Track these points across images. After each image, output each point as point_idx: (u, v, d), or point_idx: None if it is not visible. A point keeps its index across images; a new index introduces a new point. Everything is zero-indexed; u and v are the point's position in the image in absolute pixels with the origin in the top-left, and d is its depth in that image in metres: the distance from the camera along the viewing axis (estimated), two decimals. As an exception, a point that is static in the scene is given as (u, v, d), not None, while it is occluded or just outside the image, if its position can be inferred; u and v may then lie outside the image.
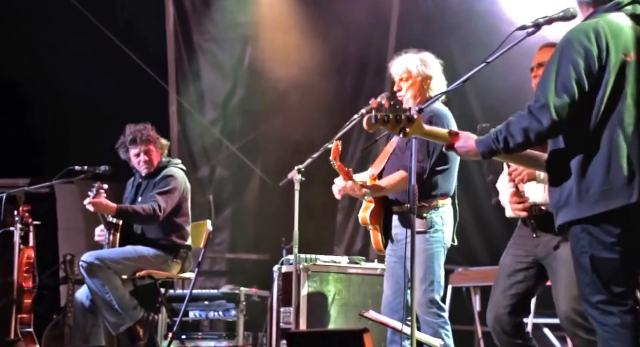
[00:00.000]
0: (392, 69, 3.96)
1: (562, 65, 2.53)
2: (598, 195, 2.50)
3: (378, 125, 2.70)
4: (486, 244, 6.84)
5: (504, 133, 2.59)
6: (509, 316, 3.27)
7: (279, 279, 4.87)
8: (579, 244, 2.56)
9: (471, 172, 6.59)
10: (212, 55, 7.33)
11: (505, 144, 2.59)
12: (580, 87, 2.51)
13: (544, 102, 2.52)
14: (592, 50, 2.52)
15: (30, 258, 4.96)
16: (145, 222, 4.84)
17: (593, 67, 2.52)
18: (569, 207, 2.56)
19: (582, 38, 2.54)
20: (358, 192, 3.77)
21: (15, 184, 5.91)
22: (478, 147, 2.67)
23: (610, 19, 2.58)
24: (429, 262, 3.74)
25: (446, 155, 3.80)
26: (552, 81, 2.52)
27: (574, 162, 2.55)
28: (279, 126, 7.23)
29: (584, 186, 2.52)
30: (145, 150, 4.97)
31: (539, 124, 2.52)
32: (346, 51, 7.31)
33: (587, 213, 2.52)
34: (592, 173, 2.52)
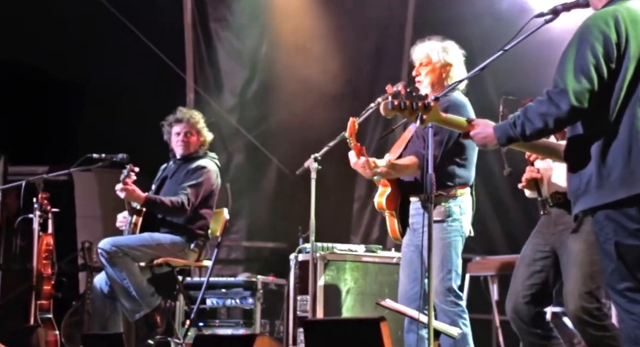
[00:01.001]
0: (414, 54, 3.94)
1: (580, 51, 2.51)
2: (619, 180, 2.48)
3: (394, 111, 2.68)
4: (505, 232, 6.81)
5: (522, 118, 2.57)
6: (527, 306, 3.26)
7: (295, 267, 4.88)
8: (602, 231, 2.54)
9: (490, 161, 6.55)
10: (228, 43, 7.32)
11: (522, 130, 2.57)
12: (598, 73, 2.49)
13: (563, 87, 2.50)
14: (611, 36, 2.50)
15: (49, 245, 5.00)
16: (172, 214, 4.87)
17: (612, 54, 2.50)
18: (589, 194, 2.54)
19: (600, 24, 2.51)
20: (368, 171, 3.74)
21: (34, 172, 5.94)
22: (495, 133, 2.66)
23: (628, 6, 2.56)
24: (447, 251, 3.72)
25: (464, 144, 3.78)
26: (570, 66, 2.50)
27: (594, 149, 2.54)
28: (296, 114, 7.22)
29: (605, 171, 2.50)
30: (186, 131, 5.03)
31: (557, 109, 2.50)
32: (363, 39, 7.28)
33: (607, 199, 2.50)
34: (612, 159, 2.50)
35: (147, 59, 6.93)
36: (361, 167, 3.73)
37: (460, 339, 3.64)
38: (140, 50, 6.91)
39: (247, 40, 7.33)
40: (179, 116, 5.07)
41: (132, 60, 6.86)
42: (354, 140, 3.73)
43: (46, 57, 6.74)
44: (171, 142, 5.12)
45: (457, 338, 3.59)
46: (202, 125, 5.12)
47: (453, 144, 3.75)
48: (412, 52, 3.94)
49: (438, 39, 3.92)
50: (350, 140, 3.74)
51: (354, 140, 3.73)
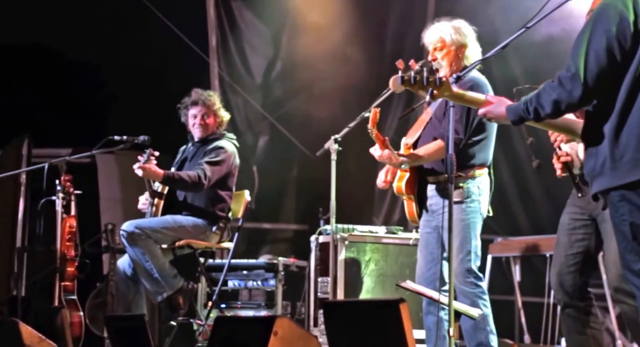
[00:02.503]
0: (425, 38, 3.89)
1: (594, 33, 2.48)
2: (631, 162, 2.46)
3: (404, 86, 2.67)
4: (528, 213, 6.76)
5: (534, 103, 2.57)
6: (572, 275, 3.21)
7: (316, 249, 4.88)
8: (617, 212, 2.52)
9: (513, 140, 6.49)
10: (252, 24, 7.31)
11: (535, 114, 2.58)
12: (611, 55, 2.45)
13: (574, 71, 2.48)
14: (628, 16, 2.45)
15: (72, 227, 5.04)
16: (190, 189, 4.88)
17: (627, 32, 2.45)
18: (604, 175, 2.52)
19: (617, 3, 2.48)
20: (394, 161, 3.75)
21: (58, 154, 6.00)
22: (508, 114, 2.66)
23: None
24: (466, 232, 3.71)
25: (483, 125, 3.76)
26: (583, 49, 2.47)
27: (608, 130, 2.51)
28: (318, 96, 7.21)
29: (618, 153, 2.49)
30: (203, 113, 5.03)
31: (568, 95, 2.49)
32: (385, 20, 7.23)
33: (620, 181, 2.49)
34: (625, 141, 2.48)
35: (171, 42, 6.94)
36: (387, 158, 3.74)
37: (480, 320, 3.64)
38: (164, 33, 6.92)
39: (270, 22, 7.31)
40: (194, 98, 5.07)
41: (156, 43, 6.87)
42: (375, 131, 3.72)
43: (69, 40, 6.77)
44: (188, 125, 5.13)
45: (477, 319, 3.59)
46: (218, 106, 5.11)
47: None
48: (424, 36, 3.89)
49: (447, 19, 3.87)
50: (372, 131, 3.73)
51: (376, 131, 3.72)
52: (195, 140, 5.13)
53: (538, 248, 5.53)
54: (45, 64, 7.01)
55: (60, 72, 7.00)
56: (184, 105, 5.12)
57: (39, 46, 6.89)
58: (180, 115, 5.15)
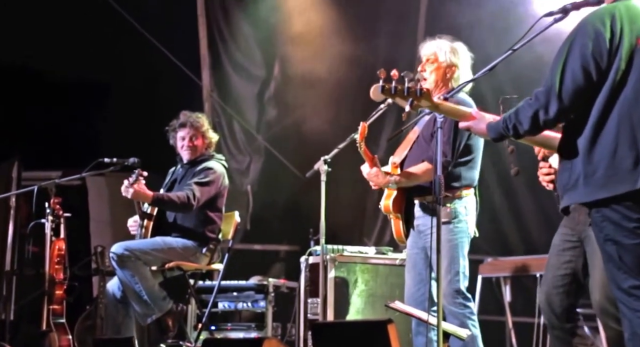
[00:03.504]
0: (422, 49, 3.93)
1: (571, 50, 2.52)
2: (603, 179, 2.49)
3: (385, 95, 2.68)
4: (519, 233, 6.77)
5: (513, 120, 2.60)
6: (559, 297, 3.20)
7: (306, 269, 4.87)
8: (602, 233, 2.54)
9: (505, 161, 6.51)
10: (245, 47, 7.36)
11: (515, 131, 2.61)
12: (587, 72, 2.49)
13: (550, 88, 2.52)
14: (604, 33, 2.48)
15: (61, 250, 5.03)
16: (179, 210, 4.88)
17: (603, 50, 2.48)
18: (576, 190, 2.55)
19: (596, 22, 2.51)
20: (382, 180, 3.76)
21: (48, 176, 5.99)
22: (488, 132, 2.69)
23: (630, 3, 2.55)
24: (454, 253, 3.71)
25: (470, 146, 3.78)
26: (560, 66, 2.51)
27: (582, 146, 2.54)
28: (309, 117, 7.24)
29: (590, 169, 2.52)
30: (191, 134, 5.04)
31: (544, 111, 2.52)
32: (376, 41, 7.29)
33: (591, 197, 2.52)
34: (598, 157, 2.50)
35: (162, 63, 6.97)
36: (374, 176, 3.75)
37: (469, 341, 3.62)
38: (155, 54, 6.95)
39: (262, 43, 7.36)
40: (182, 120, 5.09)
41: (147, 64, 6.90)
42: (364, 146, 3.74)
43: (59, 62, 6.79)
44: (177, 147, 5.14)
45: (466, 340, 3.57)
46: (206, 128, 5.13)
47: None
48: (421, 47, 3.93)
49: (448, 38, 3.91)
50: (360, 145, 3.74)
51: (365, 146, 3.74)
52: (184, 162, 5.13)
53: (528, 268, 5.53)
54: (34, 86, 7.01)
55: (50, 94, 7.01)
56: (172, 128, 5.13)
57: (27, 68, 6.90)
58: (169, 137, 5.16)
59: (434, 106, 2.75)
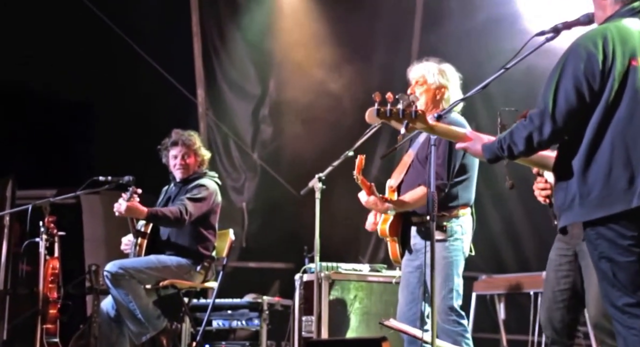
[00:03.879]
0: (410, 73, 3.96)
1: (564, 72, 2.54)
2: (598, 199, 2.50)
3: (380, 118, 2.69)
4: (513, 250, 6.78)
5: (508, 141, 2.62)
6: (560, 312, 3.20)
7: (300, 287, 4.87)
8: (596, 250, 2.55)
9: (500, 179, 6.53)
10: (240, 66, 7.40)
11: (509, 152, 2.63)
12: (580, 94, 2.51)
13: (544, 110, 2.54)
14: (597, 55, 2.50)
15: (55, 268, 5.01)
16: (173, 225, 4.88)
17: (596, 71, 2.50)
18: (572, 210, 2.56)
19: (588, 43, 2.53)
20: (380, 207, 3.78)
21: (43, 195, 5.98)
22: (484, 153, 2.70)
23: (621, 24, 2.57)
24: (448, 270, 3.72)
25: (465, 166, 3.80)
26: (553, 87, 2.54)
27: (577, 166, 2.56)
28: (304, 134, 7.27)
29: (585, 190, 2.53)
30: (183, 153, 5.05)
31: (539, 133, 2.54)
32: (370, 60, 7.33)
33: (587, 217, 2.53)
34: (593, 178, 2.52)
35: (157, 82, 7.00)
36: (373, 204, 3.77)
37: (463, 359, 3.62)
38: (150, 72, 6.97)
39: (257, 61, 7.41)
40: (174, 139, 5.10)
41: (142, 82, 6.92)
42: (361, 177, 3.76)
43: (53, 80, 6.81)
44: (170, 166, 5.15)
45: (460, 358, 3.58)
46: (198, 145, 5.14)
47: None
48: (409, 71, 3.96)
49: (436, 61, 3.94)
50: (357, 178, 3.76)
51: (362, 177, 3.76)
52: (177, 180, 5.14)
53: (523, 286, 5.54)
54: (29, 105, 7.02)
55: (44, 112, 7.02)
56: (164, 147, 5.15)
57: (22, 86, 6.92)
58: (161, 156, 5.17)
59: (429, 128, 2.77)
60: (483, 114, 6.51)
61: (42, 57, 6.74)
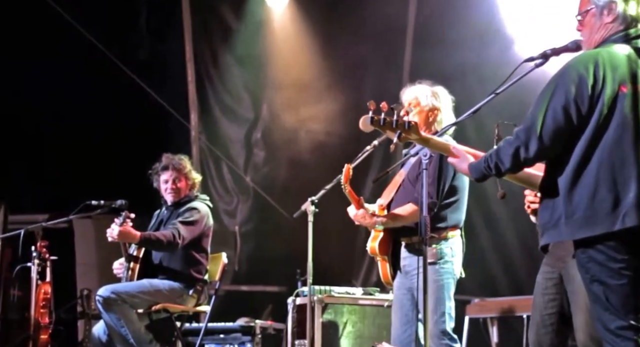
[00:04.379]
0: (403, 95, 3.98)
1: (554, 92, 2.57)
2: (582, 220, 2.53)
3: (374, 126, 2.70)
4: (506, 274, 6.79)
5: (494, 159, 2.64)
6: (549, 336, 3.20)
7: (293, 310, 4.86)
8: (588, 274, 2.57)
9: (492, 202, 6.56)
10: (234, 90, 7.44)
11: (496, 170, 2.65)
12: (568, 115, 2.54)
13: (531, 128, 2.57)
14: (587, 79, 2.54)
15: (47, 293, 5.00)
16: (165, 248, 4.88)
17: (585, 95, 2.54)
18: (557, 229, 2.59)
19: (579, 67, 2.57)
20: (369, 221, 3.78)
21: (35, 220, 5.97)
22: (471, 172, 2.72)
23: (612, 50, 2.61)
24: (439, 294, 3.71)
25: (455, 187, 3.81)
26: (542, 107, 2.57)
27: (563, 185, 2.58)
28: (297, 157, 7.30)
29: (570, 209, 2.55)
30: (174, 177, 5.06)
31: (525, 150, 2.57)
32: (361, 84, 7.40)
33: (570, 236, 2.55)
34: (578, 198, 2.54)
35: (150, 106, 7.03)
36: (361, 218, 3.76)
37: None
38: (143, 97, 7.00)
39: (251, 86, 7.45)
40: (165, 163, 5.11)
41: (135, 107, 6.95)
42: (348, 187, 3.76)
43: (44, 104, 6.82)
44: (161, 190, 5.15)
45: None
46: (189, 169, 5.15)
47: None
48: (402, 93, 3.98)
49: (428, 83, 3.97)
50: (345, 187, 3.77)
51: (349, 187, 3.77)
52: (169, 204, 5.15)
53: (515, 309, 5.54)
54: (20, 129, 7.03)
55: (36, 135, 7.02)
56: (154, 171, 5.15)
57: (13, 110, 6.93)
58: (152, 181, 5.18)
59: (422, 140, 2.79)
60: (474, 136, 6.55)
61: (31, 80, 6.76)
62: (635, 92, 2.55)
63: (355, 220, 3.83)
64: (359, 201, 3.78)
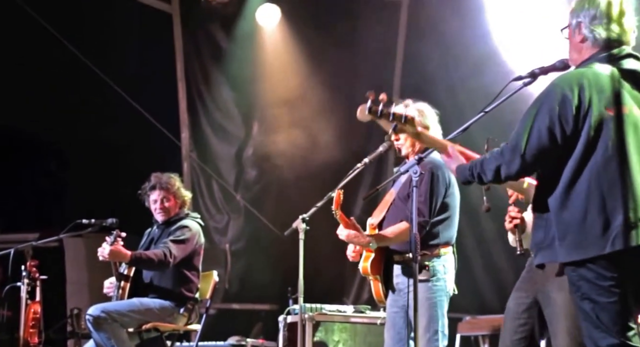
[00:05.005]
0: None
1: (539, 112, 2.59)
2: (574, 243, 2.55)
3: (371, 115, 2.71)
4: (497, 291, 6.79)
5: (478, 169, 2.69)
6: None
7: (284, 329, 4.85)
8: (578, 291, 2.58)
9: (481, 220, 6.58)
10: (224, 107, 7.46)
11: (479, 179, 2.71)
12: (552, 134, 2.56)
13: (515, 146, 2.59)
14: (572, 99, 2.56)
15: (37, 313, 4.97)
16: (156, 268, 4.87)
17: (569, 115, 2.55)
18: (550, 249, 2.60)
19: (564, 86, 2.59)
20: (361, 240, 3.77)
21: (25, 238, 5.94)
22: (457, 174, 2.78)
23: (598, 71, 2.61)
24: (432, 311, 3.71)
25: (446, 204, 3.82)
26: (527, 125, 2.59)
27: (555, 209, 2.60)
28: (288, 175, 7.31)
29: (562, 232, 2.57)
30: (163, 196, 5.05)
31: (507, 166, 2.61)
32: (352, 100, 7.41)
33: (565, 258, 2.56)
34: (569, 220, 2.56)
35: (140, 124, 7.03)
36: (354, 238, 3.76)
37: (449, 401, 3.61)
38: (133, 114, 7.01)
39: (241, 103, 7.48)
40: (153, 183, 5.09)
41: (125, 125, 6.95)
42: (340, 212, 3.77)
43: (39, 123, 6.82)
44: (151, 209, 5.15)
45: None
46: (177, 187, 5.14)
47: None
48: None
49: (412, 101, 3.99)
50: (336, 213, 3.77)
51: (340, 212, 3.77)
52: (159, 223, 5.14)
53: (507, 326, 5.53)
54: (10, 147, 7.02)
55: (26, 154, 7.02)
56: (144, 191, 5.14)
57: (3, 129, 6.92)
58: (143, 200, 5.17)
59: (416, 134, 2.82)
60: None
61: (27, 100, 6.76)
62: (619, 114, 2.57)
63: (348, 240, 3.82)
64: (349, 221, 3.77)
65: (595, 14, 2.64)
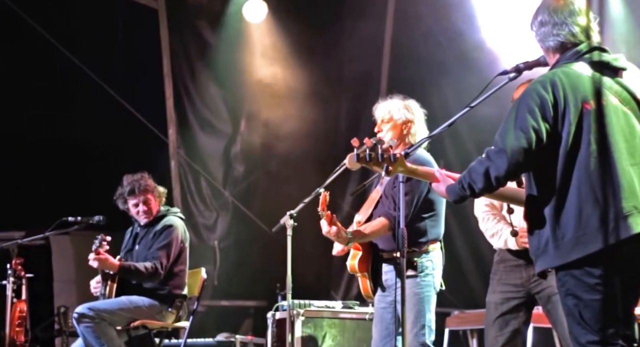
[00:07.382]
0: (376, 111, 4.00)
1: (519, 113, 2.61)
2: (573, 241, 2.54)
3: (360, 163, 2.71)
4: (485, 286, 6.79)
5: (467, 180, 2.66)
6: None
7: (273, 325, 4.84)
8: (563, 287, 2.59)
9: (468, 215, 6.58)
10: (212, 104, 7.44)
11: (471, 190, 2.66)
12: (536, 133, 2.56)
13: (501, 147, 2.59)
14: (548, 98, 2.58)
15: (23, 311, 4.94)
16: (147, 280, 4.85)
17: (548, 115, 2.57)
18: (548, 254, 2.60)
19: (538, 88, 2.61)
20: (341, 238, 3.76)
21: (11, 237, 5.91)
22: (448, 195, 2.74)
23: (568, 69, 2.64)
24: (420, 306, 3.71)
25: (431, 202, 3.83)
26: (510, 127, 2.60)
27: (548, 211, 2.60)
28: (276, 171, 7.30)
29: (559, 233, 2.56)
30: (143, 200, 5.01)
31: (496, 168, 2.59)
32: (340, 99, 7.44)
33: (564, 260, 2.55)
34: (565, 220, 2.56)
35: (127, 120, 7.00)
36: (334, 235, 3.75)
37: (436, 396, 3.62)
38: (120, 111, 6.98)
39: (229, 100, 7.46)
40: (130, 188, 5.01)
41: (112, 121, 6.92)
42: (326, 213, 3.76)
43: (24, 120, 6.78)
44: (130, 212, 5.09)
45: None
46: (153, 185, 5.09)
47: (422, 201, 3.79)
48: (375, 109, 4.01)
49: (400, 97, 4.00)
50: (322, 214, 3.76)
51: (327, 213, 3.76)
52: (142, 224, 5.11)
53: (495, 320, 5.54)
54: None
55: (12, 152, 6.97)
56: (121, 197, 5.08)
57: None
58: (118, 205, 5.10)
59: (409, 171, 2.81)
60: (452, 150, 6.60)
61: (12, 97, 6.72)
62: (599, 107, 2.59)
63: (328, 236, 3.82)
64: (331, 218, 3.75)
65: (556, 20, 2.70)
